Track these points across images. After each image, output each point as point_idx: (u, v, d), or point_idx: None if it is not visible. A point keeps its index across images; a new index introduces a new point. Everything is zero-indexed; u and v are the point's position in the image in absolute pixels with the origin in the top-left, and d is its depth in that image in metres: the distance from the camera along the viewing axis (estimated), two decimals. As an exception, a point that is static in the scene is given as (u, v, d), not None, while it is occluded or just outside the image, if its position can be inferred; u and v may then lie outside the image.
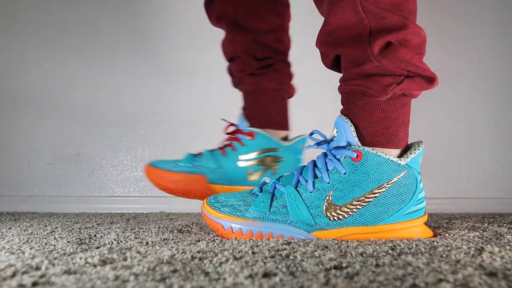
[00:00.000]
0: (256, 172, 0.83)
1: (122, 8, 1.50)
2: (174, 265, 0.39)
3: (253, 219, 0.61)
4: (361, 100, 0.61)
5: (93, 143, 1.47)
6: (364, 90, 0.61)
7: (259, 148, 0.83)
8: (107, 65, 1.48)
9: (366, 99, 0.61)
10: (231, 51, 0.90)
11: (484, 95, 1.53)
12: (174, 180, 0.83)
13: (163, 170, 0.84)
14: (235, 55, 0.90)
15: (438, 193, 1.49)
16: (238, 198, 0.64)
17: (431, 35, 1.58)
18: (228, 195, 0.66)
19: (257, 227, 0.60)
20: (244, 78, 0.89)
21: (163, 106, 1.47)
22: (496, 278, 0.34)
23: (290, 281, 0.33)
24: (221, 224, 0.62)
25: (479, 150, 1.52)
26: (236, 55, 0.89)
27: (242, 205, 0.62)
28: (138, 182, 1.46)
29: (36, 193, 1.45)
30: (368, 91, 0.61)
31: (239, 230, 0.60)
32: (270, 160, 0.84)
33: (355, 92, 0.62)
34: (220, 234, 0.62)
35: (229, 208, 0.63)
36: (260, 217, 0.60)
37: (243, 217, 0.61)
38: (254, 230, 0.60)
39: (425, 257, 0.43)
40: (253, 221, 0.60)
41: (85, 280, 0.33)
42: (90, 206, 1.41)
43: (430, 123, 1.52)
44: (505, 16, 1.56)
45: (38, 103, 1.48)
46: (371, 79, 0.61)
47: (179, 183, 0.83)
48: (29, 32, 1.49)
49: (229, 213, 0.62)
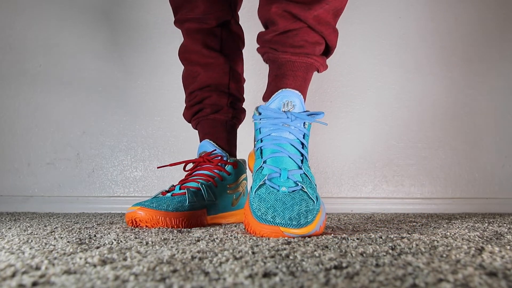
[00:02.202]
0: (238, 198, 0.91)
1: (122, 8, 1.50)
2: (174, 265, 0.39)
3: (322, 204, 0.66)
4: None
5: (93, 143, 1.47)
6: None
7: (240, 175, 0.92)
8: (107, 65, 1.48)
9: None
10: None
11: (484, 95, 1.53)
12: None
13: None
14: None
15: (438, 193, 1.49)
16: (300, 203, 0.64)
17: (432, 35, 1.59)
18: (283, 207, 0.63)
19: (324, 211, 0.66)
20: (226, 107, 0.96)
21: (163, 106, 1.47)
22: (496, 278, 0.34)
23: (290, 281, 0.33)
24: (312, 233, 0.62)
25: (479, 150, 1.52)
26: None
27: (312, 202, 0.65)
28: (138, 182, 1.46)
29: (36, 193, 1.45)
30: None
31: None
32: (244, 185, 0.94)
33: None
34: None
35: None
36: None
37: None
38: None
39: (425, 257, 0.43)
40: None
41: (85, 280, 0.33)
42: (90, 206, 1.41)
43: (430, 123, 1.52)
44: (504, 16, 1.56)
45: (38, 103, 1.48)
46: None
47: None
48: (29, 33, 1.49)
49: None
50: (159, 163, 1.46)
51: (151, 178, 1.46)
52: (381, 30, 1.52)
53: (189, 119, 0.98)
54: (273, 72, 0.77)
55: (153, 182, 1.46)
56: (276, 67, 0.76)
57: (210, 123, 0.93)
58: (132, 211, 0.76)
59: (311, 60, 0.75)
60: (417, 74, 1.52)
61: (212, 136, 0.92)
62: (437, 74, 1.53)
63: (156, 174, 1.46)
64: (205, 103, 0.94)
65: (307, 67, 0.75)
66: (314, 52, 0.75)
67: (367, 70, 1.52)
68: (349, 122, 1.49)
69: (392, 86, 1.52)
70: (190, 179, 0.86)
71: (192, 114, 0.96)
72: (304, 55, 0.74)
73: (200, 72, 0.93)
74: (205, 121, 0.94)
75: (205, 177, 0.86)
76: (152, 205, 0.76)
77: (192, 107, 0.95)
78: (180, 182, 0.86)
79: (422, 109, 1.52)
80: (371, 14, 1.53)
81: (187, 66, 0.96)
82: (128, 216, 0.76)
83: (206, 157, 0.89)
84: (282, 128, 0.69)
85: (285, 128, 0.69)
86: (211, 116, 0.93)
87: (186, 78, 0.97)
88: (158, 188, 1.45)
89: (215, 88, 0.94)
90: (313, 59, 0.75)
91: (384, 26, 1.52)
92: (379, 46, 1.52)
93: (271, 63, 0.78)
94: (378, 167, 1.49)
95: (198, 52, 0.93)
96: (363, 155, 1.49)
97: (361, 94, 1.50)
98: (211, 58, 0.93)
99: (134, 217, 0.75)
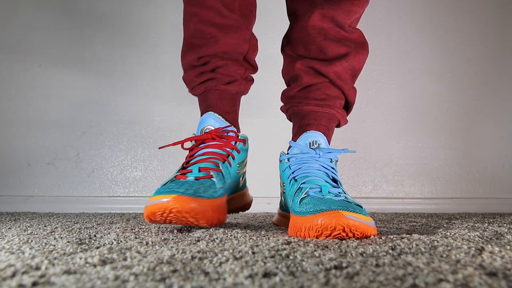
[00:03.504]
0: (243, 177, 0.81)
1: (122, 9, 1.50)
2: (174, 265, 0.39)
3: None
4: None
5: (93, 143, 1.47)
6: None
7: (246, 153, 0.81)
8: (107, 65, 1.48)
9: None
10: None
11: (484, 95, 1.53)
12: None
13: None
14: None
15: (438, 193, 1.49)
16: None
17: (432, 35, 1.59)
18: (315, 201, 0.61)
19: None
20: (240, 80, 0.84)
21: (163, 106, 1.47)
22: (496, 278, 0.34)
23: (290, 281, 0.33)
24: (371, 225, 0.59)
25: (479, 150, 1.52)
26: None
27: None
28: (138, 182, 1.46)
29: (36, 193, 1.45)
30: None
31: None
32: (245, 163, 0.82)
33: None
34: (362, 235, 0.58)
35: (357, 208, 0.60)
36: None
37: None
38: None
39: (425, 257, 0.43)
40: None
41: (85, 280, 0.33)
42: (90, 206, 1.41)
43: (430, 123, 1.52)
44: (504, 16, 1.56)
45: (38, 103, 1.48)
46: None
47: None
48: (29, 33, 1.49)
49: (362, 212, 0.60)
50: (159, 163, 1.46)
51: (151, 178, 1.46)
52: (381, 30, 1.52)
53: (194, 85, 0.82)
54: (296, 124, 0.80)
55: (153, 182, 1.46)
56: (300, 119, 0.79)
57: (218, 94, 0.80)
58: (163, 200, 0.60)
59: (333, 111, 0.78)
60: (417, 74, 1.52)
61: (218, 109, 0.79)
62: (437, 74, 1.53)
63: (156, 174, 1.46)
64: (218, 71, 0.79)
65: (329, 118, 0.78)
66: (335, 105, 0.79)
67: (367, 70, 1.51)
68: (349, 122, 1.49)
69: (392, 86, 1.52)
70: (204, 159, 0.72)
71: (200, 82, 0.81)
72: (327, 107, 0.78)
73: (216, 35, 0.78)
74: (212, 92, 0.80)
75: (219, 156, 0.73)
76: (188, 192, 0.61)
77: (201, 75, 0.80)
78: (189, 162, 0.73)
79: (422, 109, 1.52)
80: (371, 14, 1.53)
81: (197, 25, 0.79)
82: (158, 208, 0.60)
83: (216, 133, 0.75)
84: (311, 161, 0.70)
85: (315, 161, 0.70)
86: (221, 86, 0.80)
87: (193, 37, 0.80)
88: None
89: (232, 57, 0.80)
90: (335, 110, 0.79)
91: (384, 26, 1.52)
92: (379, 46, 1.52)
93: (294, 117, 0.81)
94: (378, 167, 1.49)
95: (216, 10, 0.77)
96: (363, 155, 1.49)
97: (361, 94, 1.50)
98: (231, 19, 0.79)
99: (170, 208, 0.59)
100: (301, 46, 0.80)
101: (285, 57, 0.85)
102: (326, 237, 0.57)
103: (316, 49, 0.78)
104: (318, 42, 0.78)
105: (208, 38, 0.78)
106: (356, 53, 0.79)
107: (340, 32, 0.78)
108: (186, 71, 0.83)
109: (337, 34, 0.78)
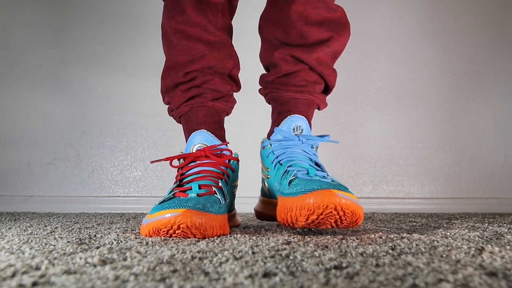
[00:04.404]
0: (234, 198, 0.80)
1: (122, 9, 1.50)
2: (174, 265, 0.39)
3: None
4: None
5: (93, 143, 1.47)
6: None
7: (238, 172, 0.80)
8: (107, 65, 1.48)
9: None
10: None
11: (484, 95, 1.53)
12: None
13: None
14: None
15: (438, 193, 1.49)
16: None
17: (432, 35, 1.58)
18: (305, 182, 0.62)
19: None
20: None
21: (163, 106, 1.47)
22: (496, 278, 0.34)
23: (290, 281, 0.33)
24: (360, 205, 0.59)
25: (479, 150, 1.52)
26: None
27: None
28: (138, 182, 1.46)
29: (36, 193, 1.45)
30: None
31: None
32: (237, 184, 0.80)
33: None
34: (352, 214, 0.57)
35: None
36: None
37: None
38: None
39: (425, 257, 0.43)
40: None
41: (85, 280, 0.33)
42: (90, 206, 1.41)
43: (430, 123, 1.52)
44: (504, 16, 1.56)
45: (38, 103, 1.48)
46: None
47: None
48: (29, 33, 1.49)
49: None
50: (159, 163, 1.46)
51: (151, 178, 1.46)
52: (381, 30, 1.52)
53: (180, 103, 0.79)
54: (276, 110, 0.81)
55: (153, 182, 1.46)
56: (280, 105, 0.80)
57: (206, 111, 0.78)
58: (168, 216, 0.56)
59: (313, 97, 0.79)
60: (417, 74, 1.52)
61: (208, 126, 0.77)
62: (437, 74, 1.53)
63: (156, 174, 1.46)
64: (205, 87, 0.78)
65: (309, 104, 0.80)
66: (315, 90, 0.80)
67: (367, 70, 1.52)
68: (349, 122, 1.49)
69: (392, 86, 1.52)
70: (200, 177, 0.69)
71: (187, 99, 0.78)
72: (306, 93, 0.79)
73: (203, 50, 0.77)
74: (200, 108, 0.78)
75: (215, 174, 0.70)
76: (197, 206, 0.58)
77: (188, 90, 0.78)
78: (185, 180, 0.70)
79: (422, 109, 1.52)
80: (371, 14, 1.53)
81: (183, 41, 0.78)
82: (163, 224, 0.56)
83: (209, 151, 0.72)
84: (294, 146, 0.72)
85: (298, 147, 0.72)
86: (209, 103, 0.78)
87: (179, 54, 0.79)
88: (158, 188, 1.45)
89: (219, 71, 0.79)
90: (315, 96, 0.80)
91: (384, 26, 1.52)
92: (379, 46, 1.52)
93: (274, 102, 0.82)
94: (378, 167, 1.49)
95: (202, 27, 0.77)
96: (363, 155, 1.49)
97: (361, 94, 1.50)
98: (217, 36, 0.79)
99: (178, 223, 0.56)
100: (280, 29, 0.78)
101: (263, 41, 0.84)
102: (317, 216, 0.56)
103: (296, 34, 0.76)
104: (299, 26, 0.76)
105: (194, 54, 0.77)
106: (338, 37, 0.78)
107: (322, 13, 0.75)
108: (170, 91, 0.81)
109: (318, 16, 0.75)
